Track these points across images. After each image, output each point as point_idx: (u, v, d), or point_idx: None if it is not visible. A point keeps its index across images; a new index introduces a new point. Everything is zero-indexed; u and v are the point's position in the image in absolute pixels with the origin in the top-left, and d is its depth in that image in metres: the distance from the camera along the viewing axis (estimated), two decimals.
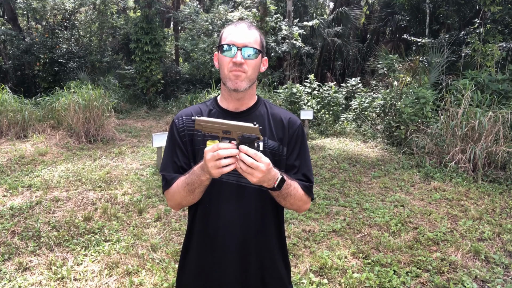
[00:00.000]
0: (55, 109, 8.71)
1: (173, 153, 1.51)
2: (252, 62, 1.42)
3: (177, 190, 1.44)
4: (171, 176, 1.49)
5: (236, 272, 1.48)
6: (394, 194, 5.37)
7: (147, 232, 4.11)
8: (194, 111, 1.54)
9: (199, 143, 1.47)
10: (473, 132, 6.48)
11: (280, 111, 1.58)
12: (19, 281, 3.11)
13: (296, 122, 1.56)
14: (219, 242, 1.47)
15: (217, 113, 1.51)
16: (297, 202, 1.46)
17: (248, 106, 1.52)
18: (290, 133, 1.52)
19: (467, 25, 12.04)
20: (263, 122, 1.51)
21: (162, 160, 1.56)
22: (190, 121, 1.50)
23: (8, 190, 5.19)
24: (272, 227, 1.53)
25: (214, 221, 1.47)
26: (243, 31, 1.42)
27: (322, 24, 15.36)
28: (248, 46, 1.40)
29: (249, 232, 1.47)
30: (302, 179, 1.53)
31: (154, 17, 14.17)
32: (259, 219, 1.48)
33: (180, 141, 1.50)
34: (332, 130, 10.33)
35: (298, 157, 1.53)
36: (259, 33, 1.48)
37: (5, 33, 15.05)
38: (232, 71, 1.40)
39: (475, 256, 3.66)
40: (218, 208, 1.46)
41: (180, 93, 15.99)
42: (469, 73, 8.38)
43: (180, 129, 1.51)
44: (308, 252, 3.72)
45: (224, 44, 1.41)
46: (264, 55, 1.50)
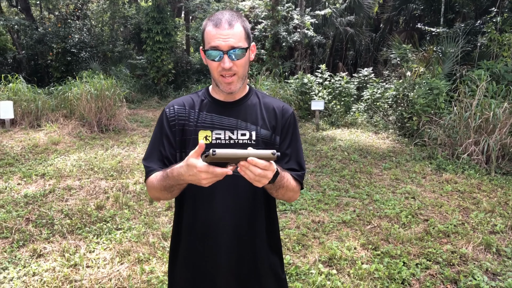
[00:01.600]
0: (68, 98, 8.81)
1: (159, 142, 1.49)
2: (241, 62, 1.38)
3: (154, 186, 1.41)
4: (150, 168, 1.46)
5: (229, 262, 1.47)
6: (405, 186, 5.33)
7: (158, 220, 4.16)
8: (186, 102, 1.52)
9: (191, 133, 1.45)
10: (487, 124, 6.37)
11: (272, 100, 1.56)
12: (33, 267, 3.18)
13: (288, 111, 1.54)
14: (212, 233, 1.46)
15: (209, 103, 1.50)
16: (288, 192, 1.45)
17: (240, 96, 1.51)
18: (282, 122, 1.51)
19: (483, 14, 11.75)
20: (255, 111, 1.50)
21: (147, 149, 1.53)
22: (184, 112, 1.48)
23: (22, 179, 5.29)
24: (264, 216, 1.53)
25: (206, 212, 1.46)
26: (225, 32, 1.33)
27: (335, 13, 15.15)
28: (234, 47, 1.34)
29: (241, 222, 1.47)
30: (295, 168, 1.52)
31: (165, 7, 14.15)
32: (251, 208, 1.48)
33: (169, 131, 1.48)
34: (343, 121, 10.25)
35: (290, 145, 1.53)
36: (242, 22, 1.38)
37: (19, 23, 15.20)
38: (222, 75, 1.38)
39: (486, 249, 3.63)
40: (210, 199, 1.45)
41: (190, 83, 16.02)
42: (485, 63, 8.21)
43: (170, 118, 1.49)
44: (317, 242, 3.73)
45: (209, 49, 1.35)
46: (251, 42, 1.43)
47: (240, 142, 1.44)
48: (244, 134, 1.45)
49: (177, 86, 15.83)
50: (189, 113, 1.49)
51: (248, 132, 1.46)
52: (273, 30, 12.85)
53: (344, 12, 15.92)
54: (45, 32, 15.11)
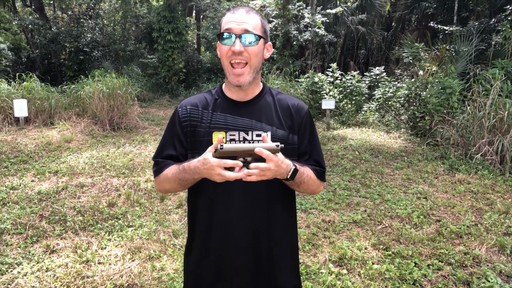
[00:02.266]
0: (80, 97, 8.91)
1: (170, 142, 1.49)
2: (253, 49, 1.35)
3: (167, 179, 1.43)
4: (164, 162, 1.46)
5: (247, 262, 1.46)
6: (417, 186, 5.27)
7: (169, 218, 4.19)
8: (199, 101, 1.49)
9: (204, 135, 1.43)
10: (502, 124, 6.26)
11: (287, 98, 1.53)
12: (46, 263, 3.23)
13: (304, 108, 1.52)
14: (229, 233, 1.44)
15: (222, 103, 1.47)
16: (310, 187, 1.46)
17: (254, 95, 1.47)
18: (298, 120, 1.48)
19: (498, 12, 11.55)
20: (270, 110, 1.47)
21: (157, 147, 1.53)
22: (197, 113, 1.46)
23: (36, 176, 5.37)
24: (282, 215, 1.51)
25: (222, 212, 1.44)
26: (241, 17, 1.34)
27: (346, 11, 15.05)
28: (248, 32, 1.33)
29: (258, 221, 1.45)
30: (314, 165, 1.51)
31: (177, 6, 14.22)
32: (269, 207, 1.46)
33: (180, 131, 1.47)
34: (354, 120, 10.19)
35: (308, 144, 1.51)
36: (260, 17, 1.40)
37: (33, 23, 15.43)
38: (231, 61, 1.35)
39: (500, 250, 3.57)
40: (226, 199, 1.43)
41: (201, 81, 16.08)
42: (499, 62, 8.07)
43: (182, 118, 1.47)
44: (328, 242, 3.71)
45: (223, 32, 1.35)
46: (267, 40, 1.43)
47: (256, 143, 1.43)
48: (259, 135, 1.42)
49: (188, 85, 15.91)
50: (202, 113, 1.46)
51: (263, 132, 1.42)
52: (284, 29, 12.82)
53: (356, 11, 15.80)
54: (59, 32, 15.32)
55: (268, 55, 1.47)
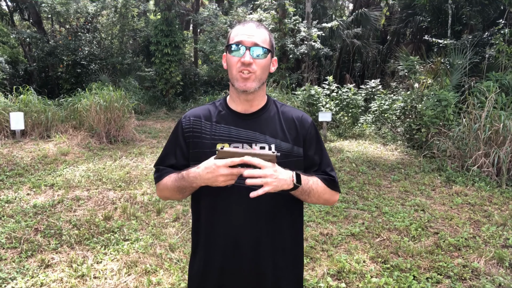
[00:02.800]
0: (77, 110, 8.90)
1: (172, 152, 1.51)
2: (261, 62, 1.39)
3: (167, 187, 1.46)
4: (164, 170, 1.49)
5: (250, 274, 1.45)
6: (414, 198, 5.27)
7: (165, 232, 4.15)
8: (202, 113, 1.51)
9: (207, 146, 1.44)
10: (497, 136, 6.30)
11: (291, 110, 1.55)
12: (41, 278, 3.19)
13: (308, 120, 1.53)
14: (232, 246, 1.44)
15: (226, 115, 1.48)
16: (322, 196, 1.46)
17: (258, 107, 1.49)
18: (303, 133, 1.49)
19: (491, 25, 11.74)
20: (274, 123, 1.48)
21: (159, 155, 1.55)
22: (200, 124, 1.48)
23: (31, 189, 5.33)
24: (286, 227, 1.50)
25: (224, 224, 1.44)
26: (251, 30, 1.39)
27: (341, 25, 15.24)
28: (257, 45, 1.37)
29: (261, 234, 1.44)
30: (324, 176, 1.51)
31: (174, 20, 14.35)
32: (272, 220, 1.45)
33: (183, 142, 1.49)
34: (351, 132, 10.22)
35: (316, 155, 1.51)
36: (268, 32, 1.45)
37: (31, 36, 15.50)
38: (240, 71, 1.37)
39: (498, 263, 3.56)
40: (229, 212, 1.43)
41: (198, 94, 16.13)
42: (493, 75, 8.17)
43: (186, 129, 1.49)
44: (326, 255, 3.69)
45: (232, 44, 1.38)
46: (273, 55, 1.47)
47: None
48: (263, 147, 1.43)
49: (185, 98, 15.96)
50: (205, 125, 1.47)
51: (267, 145, 1.43)
52: (280, 42, 12.94)
53: (351, 25, 16.01)
54: (56, 45, 15.39)
55: (274, 69, 1.50)
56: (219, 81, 16.93)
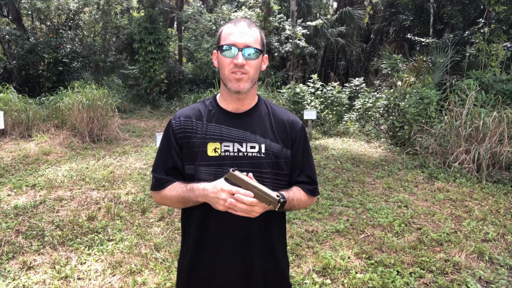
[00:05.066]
0: (59, 108, 8.75)
1: (167, 154, 1.49)
2: (254, 63, 1.39)
3: (169, 197, 1.45)
4: (165, 179, 1.48)
5: (239, 274, 1.46)
6: (398, 195, 5.35)
7: (150, 231, 4.12)
8: (192, 113, 1.50)
9: (199, 146, 1.44)
10: (477, 133, 6.45)
11: (282, 112, 1.56)
12: (23, 280, 3.13)
13: (298, 124, 1.55)
14: (221, 245, 1.45)
15: (217, 114, 1.48)
16: (301, 206, 1.53)
17: (250, 107, 1.49)
18: (293, 136, 1.51)
19: (472, 25, 11.98)
20: (265, 124, 1.49)
21: (155, 160, 1.54)
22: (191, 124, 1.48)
23: (12, 189, 5.22)
24: (274, 228, 1.52)
25: (214, 225, 1.45)
26: (243, 30, 1.38)
27: (326, 24, 15.34)
28: (249, 46, 1.37)
29: (251, 234, 1.46)
30: (306, 181, 1.54)
31: (158, 17, 14.20)
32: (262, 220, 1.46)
33: (175, 143, 1.47)
34: (336, 130, 10.31)
35: (301, 159, 1.53)
36: (259, 30, 1.45)
37: (10, 33, 15.14)
38: (233, 72, 1.37)
39: (479, 257, 3.64)
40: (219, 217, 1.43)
41: (183, 93, 16.02)
42: (474, 73, 8.35)
43: (176, 130, 1.48)
44: (311, 252, 3.72)
45: (224, 45, 1.38)
46: (264, 52, 1.47)
47: (250, 155, 1.43)
48: (254, 147, 1.44)
49: (170, 96, 15.83)
50: (196, 125, 1.47)
51: (257, 144, 1.44)
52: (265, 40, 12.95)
53: (335, 23, 16.13)
54: (37, 42, 15.07)
55: (265, 67, 1.50)
56: (204, 79, 16.83)
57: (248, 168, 1.39)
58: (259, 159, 1.42)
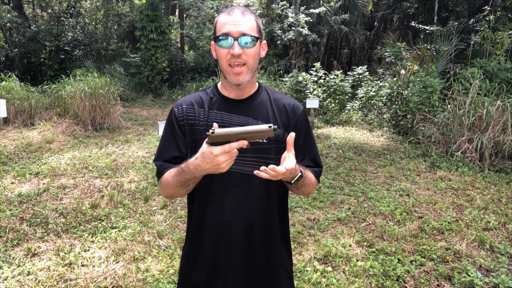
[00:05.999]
0: (62, 97, 8.75)
1: (170, 143, 1.48)
2: (251, 51, 1.37)
3: (169, 183, 1.41)
4: (163, 166, 1.45)
5: (242, 258, 1.47)
6: (400, 183, 5.36)
7: (153, 219, 4.15)
8: (194, 100, 1.49)
9: (202, 133, 1.43)
10: (481, 122, 6.42)
11: (282, 97, 1.56)
12: (28, 266, 3.17)
13: (300, 108, 1.54)
14: (224, 230, 1.46)
15: (219, 101, 1.48)
16: (308, 189, 1.50)
17: (250, 94, 1.49)
18: (294, 120, 1.51)
19: (477, 12, 11.83)
20: (266, 109, 1.49)
21: (157, 149, 1.53)
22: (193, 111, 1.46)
23: (16, 177, 5.25)
24: (277, 213, 1.53)
25: (218, 210, 1.46)
26: (238, 19, 1.35)
27: (329, 11, 15.16)
28: (245, 34, 1.34)
29: (253, 219, 1.46)
30: (311, 165, 1.54)
31: (159, 5, 14.08)
32: (264, 205, 1.48)
33: (179, 131, 1.47)
34: (338, 119, 10.28)
35: (304, 143, 1.53)
36: (255, 16, 1.41)
37: (11, 21, 15.05)
38: (231, 64, 1.36)
39: (480, 245, 3.66)
40: (222, 197, 1.45)
41: (185, 81, 15.97)
42: (478, 61, 8.27)
43: (179, 118, 1.47)
44: (313, 240, 3.74)
45: (219, 35, 1.36)
46: (262, 39, 1.44)
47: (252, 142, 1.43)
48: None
49: (172, 84, 15.79)
50: (198, 112, 1.47)
51: None
52: (268, 28, 12.84)
53: (339, 11, 15.94)
54: (38, 30, 14.99)
55: (264, 54, 1.48)
56: (206, 68, 16.76)
57: (251, 154, 1.40)
58: (262, 144, 1.43)
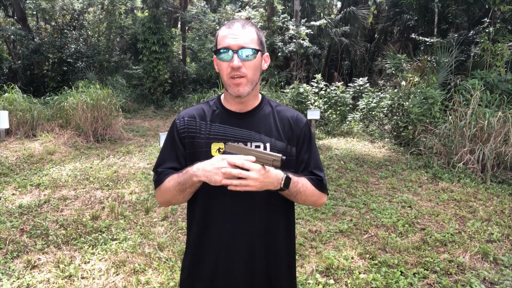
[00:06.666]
0: (64, 108, 8.78)
1: (170, 153, 1.49)
2: (251, 63, 1.37)
3: (168, 188, 1.43)
4: (165, 172, 1.47)
5: (244, 274, 1.45)
6: (402, 195, 5.33)
7: (154, 231, 4.13)
8: (197, 113, 1.50)
9: (202, 146, 1.43)
10: (482, 133, 6.41)
11: (286, 110, 1.55)
12: (27, 279, 3.14)
13: (302, 120, 1.54)
14: (225, 243, 1.44)
15: (221, 114, 1.48)
16: (309, 198, 1.47)
17: (253, 107, 1.49)
18: (297, 132, 1.50)
19: (476, 24, 11.91)
20: (269, 122, 1.48)
21: (157, 159, 1.54)
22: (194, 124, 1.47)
23: (17, 189, 5.24)
24: (280, 226, 1.50)
25: (218, 222, 1.44)
26: (237, 32, 1.36)
27: (330, 24, 15.29)
28: (245, 47, 1.35)
29: (255, 232, 1.44)
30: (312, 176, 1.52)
31: (162, 17, 14.22)
32: (266, 218, 1.46)
33: (179, 143, 1.47)
34: (339, 130, 10.29)
35: (307, 155, 1.52)
36: (256, 29, 1.42)
37: (15, 33, 15.21)
38: (231, 77, 1.36)
39: (483, 257, 3.63)
40: (223, 211, 1.43)
41: (187, 92, 16.04)
42: (478, 73, 8.30)
43: (181, 130, 1.48)
44: (315, 252, 3.71)
45: (220, 49, 1.37)
46: (264, 51, 1.45)
47: None
48: (259, 146, 1.43)
49: (174, 96, 15.85)
50: (200, 125, 1.47)
51: (262, 144, 1.44)
52: (269, 40, 12.94)
53: (339, 23, 16.08)
54: (41, 42, 15.13)
55: (266, 66, 1.48)
56: (207, 79, 16.84)
57: None
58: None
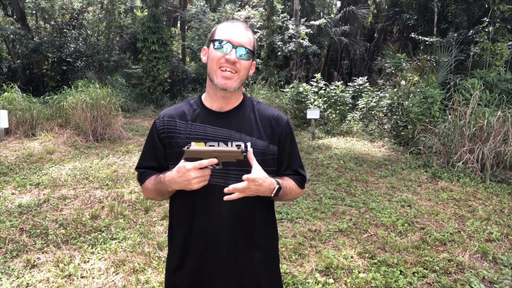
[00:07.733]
0: (63, 107, 8.78)
1: (151, 153, 1.52)
2: (245, 63, 1.41)
3: (149, 189, 1.49)
4: (145, 173, 1.53)
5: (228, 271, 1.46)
6: (401, 194, 5.33)
7: (154, 230, 4.13)
8: (176, 113, 1.51)
9: (182, 145, 1.43)
10: (482, 132, 6.41)
11: (266, 108, 1.57)
12: (27, 278, 3.14)
13: (283, 119, 1.55)
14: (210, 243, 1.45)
15: (202, 113, 1.49)
16: (290, 197, 1.55)
17: (234, 105, 1.50)
18: (278, 131, 1.52)
19: (476, 24, 11.91)
20: (250, 121, 1.49)
21: (139, 158, 1.58)
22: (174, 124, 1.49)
23: (16, 188, 5.24)
24: (263, 225, 1.53)
25: (202, 223, 1.45)
26: (240, 30, 1.41)
27: (329, 23, 15.29)
28: (244, 46, 1.39)
29: (239, 232, 1.46)
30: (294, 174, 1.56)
31: (161, 17, 14.21)
32: (250, 218, 1.48)
33: (159, 143, 1.49)
34: (339, 129, 10.29)
35: (288, 154, 1.55)
36: (253, 36, 1.48)
37: (14, 33, 15.19)
38: (221, 67, 1.39)
39: (482, 257, 3.63)
40: (207, 209, 1.44)
41: (186, 92, 16.04)
42: (478, 72, 8.30)
43: (160, 130, 1.49)
44: (314, 251, 3.72)
45: (219, 39, 1.39)
46: (254, 59, 1.49)
47: None
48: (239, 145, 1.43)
49: (173, 95, 15.85)
50: (180, 125, 1.48)
51: (243, 143, 1.45)
52: (269, 39, 12.94)
53: (339, 22, 16.07)
54: (41, 42, 15.11)
55: (251, 73, 1.51)
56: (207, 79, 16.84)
57: (235, 167, 1.39)
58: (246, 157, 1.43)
